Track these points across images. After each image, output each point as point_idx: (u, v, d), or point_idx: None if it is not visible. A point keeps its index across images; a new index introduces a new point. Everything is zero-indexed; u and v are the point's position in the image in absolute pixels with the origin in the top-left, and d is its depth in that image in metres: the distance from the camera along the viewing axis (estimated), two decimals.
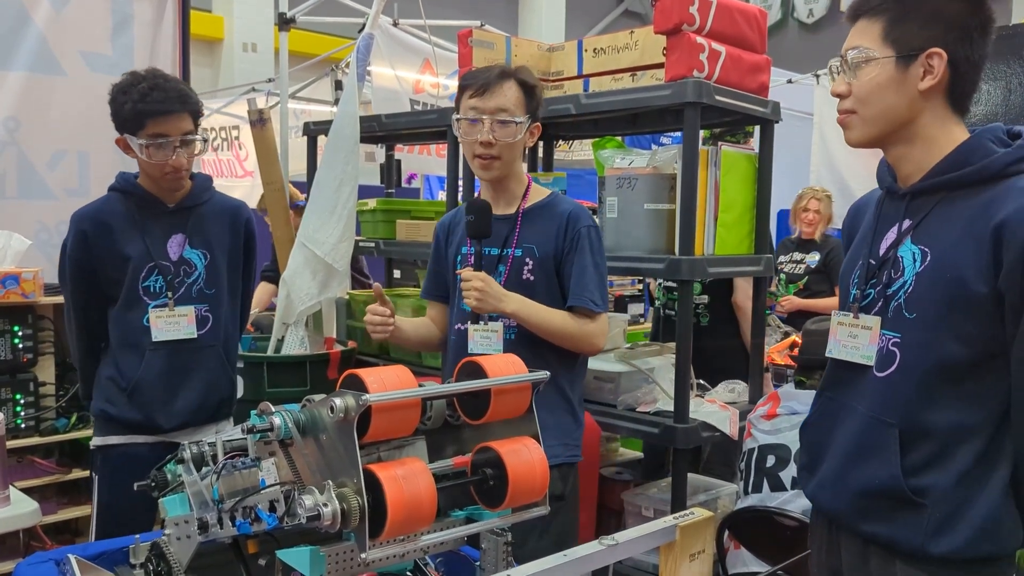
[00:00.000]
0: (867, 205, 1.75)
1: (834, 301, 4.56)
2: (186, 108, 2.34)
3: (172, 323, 2.40)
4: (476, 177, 2.25)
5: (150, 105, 2.28)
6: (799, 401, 2.44)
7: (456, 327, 2.27)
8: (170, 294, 2.40)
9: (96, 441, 2.46)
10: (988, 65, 2.03)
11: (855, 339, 1.61)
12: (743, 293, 3.49)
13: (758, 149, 2.92)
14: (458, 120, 2.19)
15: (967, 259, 1.46)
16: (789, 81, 6.78)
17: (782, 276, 4.94)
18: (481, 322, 2.18)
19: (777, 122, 2.90)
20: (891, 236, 1.60)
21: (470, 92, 2.17)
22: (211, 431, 2.50)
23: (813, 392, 2.43)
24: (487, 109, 2.13)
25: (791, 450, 2.36)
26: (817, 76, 6.46)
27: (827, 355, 1.68)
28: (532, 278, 2.18)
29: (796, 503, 2.31)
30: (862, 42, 1.54)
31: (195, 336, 2.43)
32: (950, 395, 1.50)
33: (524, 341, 2.15)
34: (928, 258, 1.52)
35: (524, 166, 2.38)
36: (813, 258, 4.86)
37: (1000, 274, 1.43)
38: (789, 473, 2.35)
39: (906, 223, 1.58)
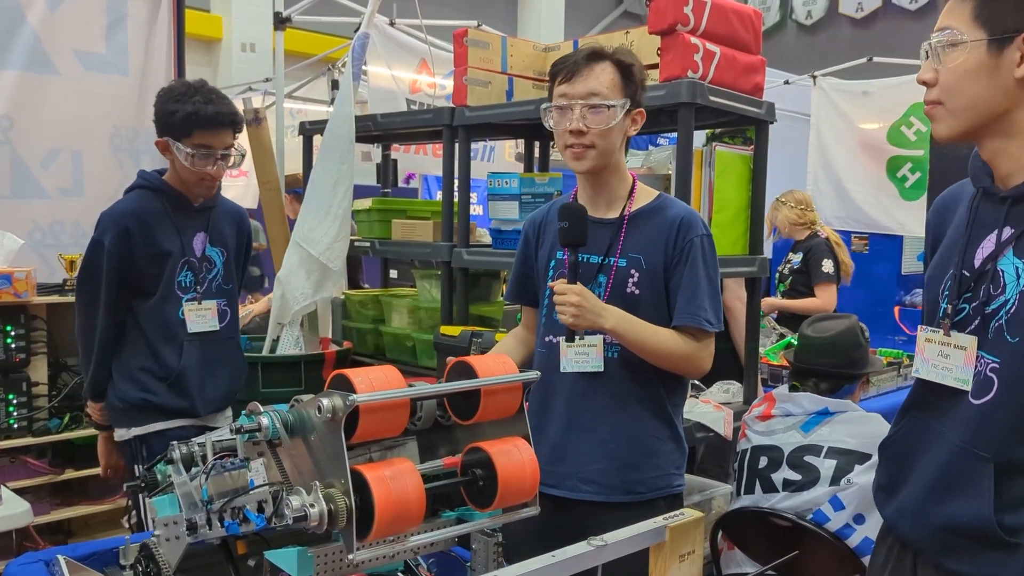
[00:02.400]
0: (956, 201, 1.56)
1: (812, 302, 4.57)
2: (234, 124, 2.49)
3: (201, 316, 2.57)
4: (567, 169, 2.07)
5: (203, 118, 2.40)
6: (795, 403, 2.44)
7: (547, 339, 2.06)
8: (198, 288, 2.57)
9: (135, 431, 2.53)
10: None
11: (947, 359, 1.44)
12: (732, 294, 3.48)
13: (753, 149, 2.91)
14: (547, 109, 1.99)
15: None
16: (786, 82, 6.78)
17: (776, 276, 4.96)
18: (577, 337, 1.98)
19: (772, 123, 2.89)
20: (988, 246, 1.42)
21: (560, 78, 1.97)
22: (229, 416, 2.69)
23: (809, 393, 2.45)
24: (577, 94, 1.93)
25: (784, 452, 2.36)
26: (814, 77, 6.45)
27: (914, 375, 1.54)
28: (637, 292, 1.97)
29: (788, 504, 2.31)
30: (950, 23, 1.37)
31: (218, 328, 2.60)
32: None
33: (628, 362, 1.97)
34: None
35: (626, 161, 2.16)
36: (797, 258, 4.85)
37: None
38: (781, 475, 2.35)
39: (1007, 232, 1.40)
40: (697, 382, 3.04)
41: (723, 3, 2.71)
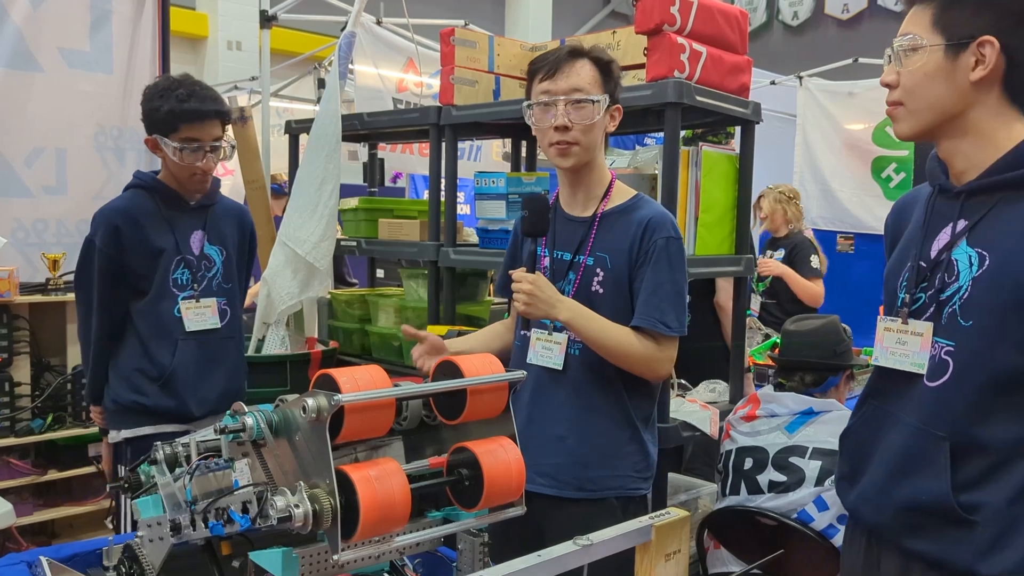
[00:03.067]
0: (913, 202, 1.64)
1: (809, 287, 4.59)
2: (220, 115, 2.45)
3: (199, 314, 2.53)
4: (554, 168, 2.09)
5: (187, 111, 2.37)
6: (779, 404, 2.44)
7: (521, 332, 2.10)
8: (196, 286, 2.53)
9: (125, 433, 2.51)
10: None
11: (904, 346, 1.52)
12: (725, 293, 3.50)
13: (739, 150, 2.92)
14: (529, 107, 2.01)
15: None
16: (772, 83, 6.81)
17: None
18: (545, 331, 2.01)
19: (758, 123, 2.90)
20: (944, 237, 1.50)
21: (540, 75, 1.99)
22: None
23: (794, 394, 2.46)
24: (560, 90, 1.95)
25: (769, 453, 2.37)
26: (800, 78, 6.49)
27: (873, 363, 1.60)
28: (601, 291, 1.98)
29: (773, 504, 2.32)
30: (911, 29, 1.46)
31: (219, 326, 2.57)
32: (1007, 407, 1.41)
33: (588, 360, 1.98)
34: (987, 262, 1.43)
35: (606, 160, 2.19)
36: (779, 254, 4.85)
37: None
38: (767, 476, 2.35)
39: (961, 224, 1.48)
40: (683, 381, 3.05)
41: (709, 3, 2.72)
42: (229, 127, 2.54)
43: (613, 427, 2.01)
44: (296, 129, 3.96)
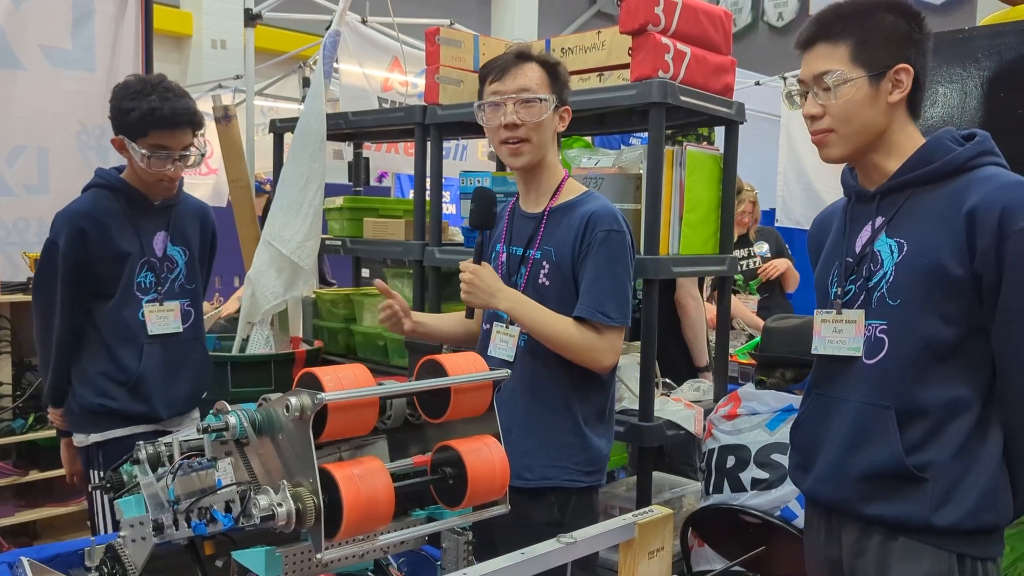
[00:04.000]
0: (831, 216, 1.86)
1: (795, 272, 4.56)
2: (192, 123, 2.39)
3: (162, 317, 2.49)
4: (508, 167, 2.17)
5: (159, 118, 2.31)
6: (760, 401, 2.46)
7: (484, 327, 2.18)
8: (159, 289, 2.49)
9: (95, 437, 2.46)
10: (944, 68, 2.17)
11: (840, 334, 1.70)
12: (685, 291, 3.47)
13: (723, 150, 2.94)
14: (480, 107, 2.09)
15: (943, 245, 1.58)
16: (757, 83, 6.84)
17: (738, 276, 4.89)
18: (503, 323, 2.08)
19: (742, 123, 2.92)
20: (865, 234, 1.71)
21: (490, 78, 2.08)
22: (195, 418, 2.62)
23: (775, 392, 2.48)
24: (508, 90, 2.04)
25: (751, 451, 2.38)
26: (784, 78, 6.51)
27: (813, 352, 1.75)
28: (547, 284, 2.06)
29: (756, 502, 2.33)
30: (831, 66, 1.64)
31: (181, 330, 2.53)
32: (940, 372, 1.60)
33: (533, 352, 2.04)
34: (905, 248, 1.63)
35: (559, 157, 2.27)
36: (762, 248, 4.85)
37: (975, 256, 1.55)
38: (749, 474, 2.36)
39: (879, 220, 1.69)
40: (667, 380, 3.06)
41: (694, 4, 2.73)
42: (203, 130, 2.46)
43: (555, 418, 2.05)
44: (281, 128, 3.95)
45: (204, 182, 7.18)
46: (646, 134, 2.66)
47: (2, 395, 3.16)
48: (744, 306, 4.53)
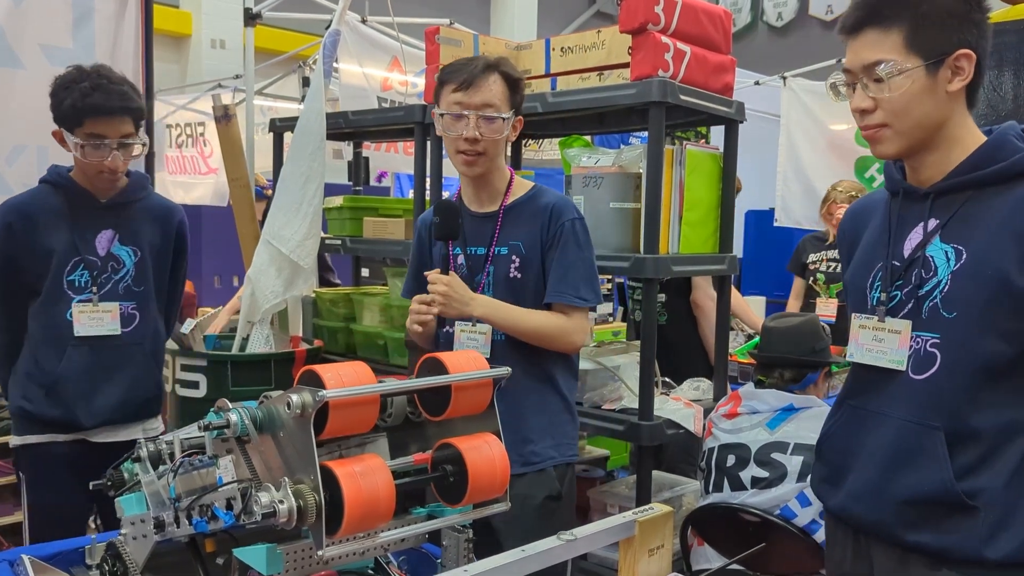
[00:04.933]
0: (868, 210, 1.71)
1: None
2: (128, 111, 2.30)
3: (95, 319, 2.37)
4: (458, 174, 2.22)
5: (90, 105, 2.23)
6: (760, 400, 2.46)
7: (444, 330, 2.21)
8: (95, 289, 2.38)
9: (15, 441, 2.41)
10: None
11: (881, 343, 1.56)
12: (702, 292, 3.49)
13: (723, 149, 2.94)
14: (440, 115, 2.11)
15: (1007, 255, 1.44)
16: (756, 83, 6.84)
17: (820, 276, 4.68)
18: (468, 323, 2.12)
19: (741, 122, 2.92)
20: (915, 237, 1.56)
21: (453, 86, 2.09)
22: (137, 429, 2.47)
23: (775, 391, 2.48)
24: (472, 104, 2.06)
25: (751, 450, 2.38)
26: (784, 78, 6.52)
27: (848, 359, 1.62)
28: (520, 276, 2.13)
29: (756, 500, 2.33)
30: (883, 54, 1.49)
31: (119, 333, 2.41)
32: (996, 393, 1.47)
33: (515, 343, 2.11)
34: (964, 256, 1.49)
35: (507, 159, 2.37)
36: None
37: None
38: (749, 472, 2.37)
39: (932, 223, 1.55)
40: (667, 379, 3.06)
41: (693, 3, 2.73)
42: (143, 121, 2.38)
43: (546, 402, 2.15)
44: (280, 127, 3.95)
45: (204, 182, 7.18)
46: (646, 133, 2.67)
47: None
48: (748, 307, 4.44)
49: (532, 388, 2.14)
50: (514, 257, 2.14)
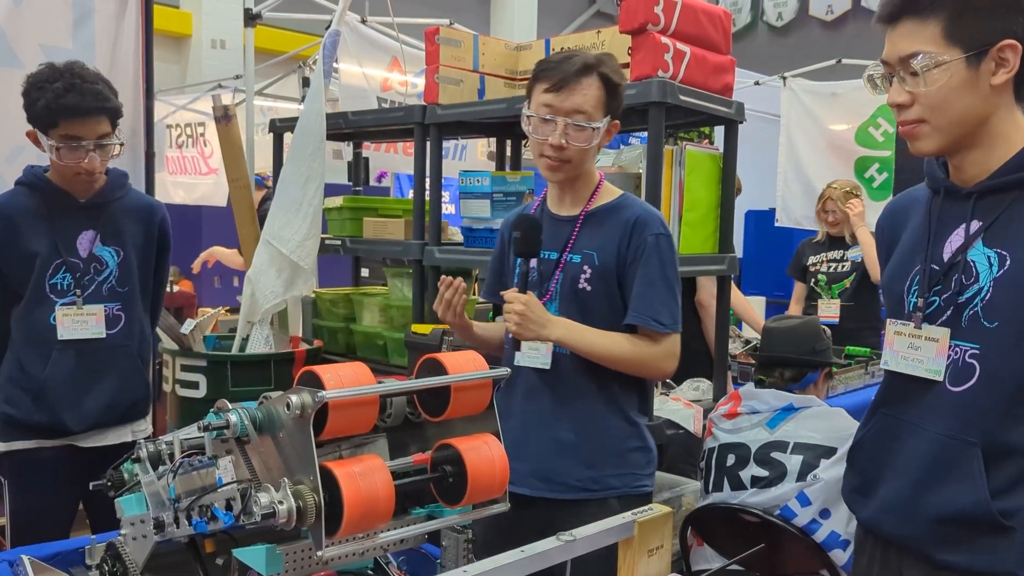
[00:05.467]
0: (908, 208, 1.61)
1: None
2: (104, 111, 2.25)
3: (80, 322, 2.33)
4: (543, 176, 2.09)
5: (64, 106, 2.18)
6: (760, 400, 2.46)
7: (510, 336, 2.05)
8: (79, 292, 2.33)
9: (2, 447, 2.36)
10: None
11: (918, 351, 1.48)
12: (707, 292, 3.50)
13: (722, 149, 2.94)
14: (528, 116, 1.97)
15: None
16: (756, 83, 6.84)
17: (822, 277, 4.60)
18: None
19: (741, 122, 2.92)
20: (956, 239, 1.48)
21: (545, 85, 1.93)
22: (125, 431, 2.45)
23: (775, 391, 2.48)
24: (563, 109, 1.91)
25: (751, 449, 2.39)
26: (784, 78, 6.52)
27: (882, 367, 1.57)
28: (588, 288, 1.98)
29: (756, 500, 2.34)
30: (920, 46, 1.40)
31: (103, 336, 2.37)
32: None
33: (580, 358, 1.96)
34: (1008, 262, 1.41)
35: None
36: (856, 253, 4.46)
37: None
38: (749, 472, 2.37)
39: (975, 225, 1.46)
40: (668, 380, 3.06)
41: (693, 3, 2.74)
42: (120, 119, 2.32)
43: (612, 424, 1.99)
44: (280, 128, 3.95)
45: (204, 182, 7.18)
46: (645, 133, 2.67)
47: None
48: (750, 307, 4.40)
49: (596, 411, 2.00)
50: (585, 267, 1.98)
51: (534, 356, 1.99)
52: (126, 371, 2.43)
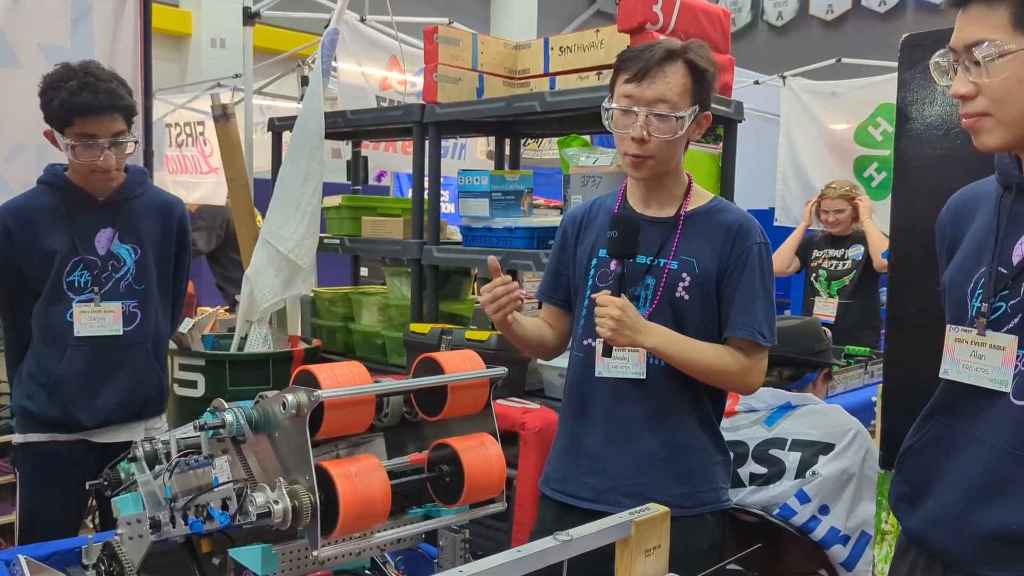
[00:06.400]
0: (974, 204, 1.50)
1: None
2: (118, 109, 2.26)
3: (97, 319, 2.35)
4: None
5: (78, 104, 2.20)
6: (757, 398, 2.46)
7: (584, 342, 1.93)
8: (96, 289, 2.36)
9: (17, 439, 2.41)
10: None
11: (981, 360, 1.38)
12: None
13: (722, 148, 2.94)
14: (608, 109, 1.84)
15: None
16: (756, 82, 6.84)
17: (822, 273, 4.62)
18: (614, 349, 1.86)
19: (740, 121, 2.92)
20: None
21: (626, 76, 1.81)
22: (139, 429, 2.46)
23: (772, 389, 2.48)
24: (644, 99, 1.78)
25: (749, 447, 2.39)
26: (783, 77, 6.52)
27: (942, 376, 1.46)
28: (687, 297, 1.85)
29: (755, 498, 2.34)
30: (986, 34, 1.29)
31: (120, 333, 2.38)
32: None
33: (674, 370, 1.84)
34: None
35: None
36: (856, 251, 4.47)
37: None
38: (747, 469, 2.37)
39: None
40: None
41: (692, 2, 2.74)
42: (135, 117, 2.34)
43: (701, 438, 1.90)
44: (279, 127, 3.95)
45: (204, 181, 7.17)
46: None
47: (0, 392, 3.15)
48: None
49: (688, 424, 1.89)
50: (684, 275, 1.85)
51: (623, 367, 1.86)
52: (141, 368, 2.45)
